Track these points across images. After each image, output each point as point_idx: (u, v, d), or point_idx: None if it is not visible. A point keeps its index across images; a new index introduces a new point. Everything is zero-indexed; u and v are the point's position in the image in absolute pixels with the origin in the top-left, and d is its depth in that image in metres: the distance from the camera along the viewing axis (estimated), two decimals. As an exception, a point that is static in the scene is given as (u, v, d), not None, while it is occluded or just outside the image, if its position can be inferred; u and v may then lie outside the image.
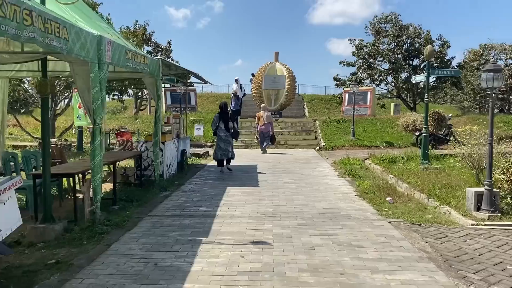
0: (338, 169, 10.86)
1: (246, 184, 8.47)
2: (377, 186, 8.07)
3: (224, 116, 9.99)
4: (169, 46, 26.33)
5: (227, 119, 9.97)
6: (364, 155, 13.76)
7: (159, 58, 8.48)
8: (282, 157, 13.66)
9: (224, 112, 10.07)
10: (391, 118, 20.03)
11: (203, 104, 28.38)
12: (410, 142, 16.91)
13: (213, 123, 10.12)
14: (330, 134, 17.90)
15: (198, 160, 12.42)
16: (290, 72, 21.76)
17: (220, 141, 10.03)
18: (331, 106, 28.39)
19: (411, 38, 21.86)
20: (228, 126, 9.94)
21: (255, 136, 16.80)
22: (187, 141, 11.45)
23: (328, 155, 14.25)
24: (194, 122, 19.72)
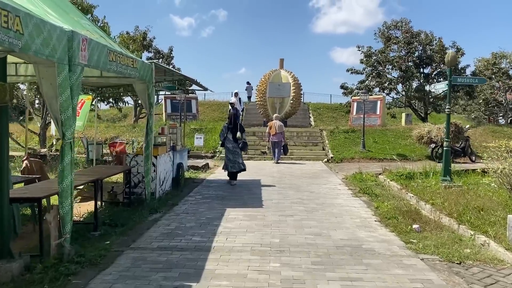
0: (350, 186, 9.85)
1: (248, 204, 7.47)
2: (398, 208, 7.06)
3: (233, 126, 9.69)
4: (170, 52, 25.55)
5: (235, 130, 9.65)
6: (377, 169, 12.76)
7: (152, 62, 7.56)
8: (288, 170, 12.68)
9: (233, 122, 9.73)
10: (402, 128, 19.02)
11: (205, 112, 27.49)
12: (424, 155, 15.91)
13: (221, 133, 9.86)
14: (338, 145, 16.91)
15: (197, 174, 11.44)
16: (296, 79, 20.86)
17: (228, 152, 9.69)
18: (338, 115, 27.42)
19: (422, 45, 20.90)
20: (236, 137, 9.59)
21: (266, 146, 16.14)
22: (184, 153, 10.50)
23: (338, 169, 13.25)
24: (195, 131, 18.81)
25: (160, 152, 8.02)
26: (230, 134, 9.66)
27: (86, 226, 6.01)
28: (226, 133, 9.70)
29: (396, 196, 8.44)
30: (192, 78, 9.29)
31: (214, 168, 13.14)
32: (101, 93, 11.22)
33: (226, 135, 9.68)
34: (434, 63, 20.94)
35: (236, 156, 9.67)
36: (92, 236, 5.62)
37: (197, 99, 22.68)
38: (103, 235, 5.62)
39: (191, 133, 18.57)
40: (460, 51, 20.98)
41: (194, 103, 21.75)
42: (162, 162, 8.17)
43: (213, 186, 9.54)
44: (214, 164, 13.93)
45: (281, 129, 14.54)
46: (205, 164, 12.81)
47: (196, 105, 21.82)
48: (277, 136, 14.42)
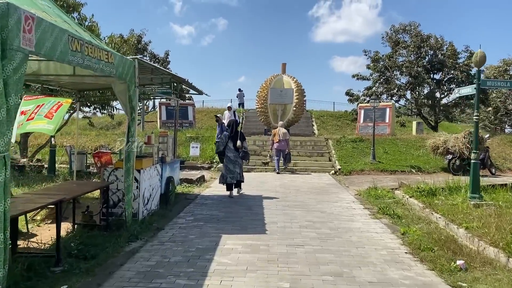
0: (366, 204, 8.64)
1: (249, 229, 6.26)
2: (430, 235, 5.87)
3: (234, 134, 9.22)
4: (166, 56, 24.54)
5: (236, 138, 9.18)
6: (391, 182, 11.57)
7: (134, 58, 6.41)
8: (292, 183, 11.48)
9: (233, 130, 9.25)
10: (414, 138, 17.86)
11: (202, 119, 26.35)
12: (439, 167, 14.74)
13: (221, 142, 9.32)
14: (345, 155, 15.73)
15: (190, 188, 10.23)
16: (299, 85, 19.75)
17: (228, 162, 9.13)
18: (342, 124, 26.27)
19: (434, 49, 19.84)
20: (237, 146, 9.13)
21: (268, 154, 15.34)
22: (176, 165, 9.31)
23: (348, 182, 12.05)
24: (191, 140, 17.63)
25: (144, 165, 6.84)
26: (231, 142, 9.15)
27: (48, 259, 4.81)
28: (226, 141, 9.15)
29: (422, 217, 7.24)
30: (183, 79, 8.14)
31: (210, 181, 11.94)
32: (82, 96, 10.05)
33: (226, 143, 9.14)
34: (446, 68, 19.84)
35: (236, 166, 9.18)
36: (51, 273, 4.43)
37: (194, 105, 21.55)
38: (66, 272, 4.44)
39: (186, 141, 17.40)
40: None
41: (191, 110, 20.61)
42: (147, 177, 6.97)
43: (208, 204, 8.33)
44: (210, 176, 12.73)
45: (286, 136, 14.15)
46: (201, 176, 11.60)
47: (193, 112, 20.68)
48: (281, 144, 13.93)
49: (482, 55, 8.65)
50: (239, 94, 30.47)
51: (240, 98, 30.27)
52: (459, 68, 19.48)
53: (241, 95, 30.42)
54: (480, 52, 8.70)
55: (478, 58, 8.65)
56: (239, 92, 30.50)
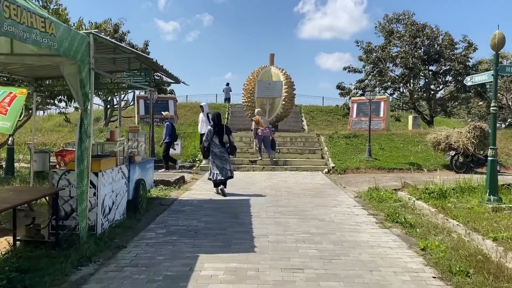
0: (369, 208, 7.54)
1: (234, 246, 5.08)
2: (456, 250, 4.80)
3: (218, 128, 8.75)
4: (145, 47, 23.04)
5: (221, 132, 8.75)
6: (392, 182, 10.54)
7: (88, 32, 5.15)
8: (284, 184, 10.34)
9: (218, 124, 8.81)
10: (411, 133, 16.88)
11: (186, 115, 25.01)
12: (440, 164, 13.78)
13: (205, 138, 8.82)
14: (339, 152, 14.65)
15: (167, 191, 8.99)
16: (288, 77, 18.63)
17: (215, 158, 8.77)
18: (333, 119, 25.24)
19: (430, 39, 18.88)
20: (223, 141, 8.74)
21: (254, 143, 14.37)
22: (149, 165, 8.05)
23: (344, 182, 10.96)
24: (172, 137, 16.29)
25: (104, 167, 5.59)
26: (216, 137, 8.73)
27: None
28: (211, 137, 8.70)
29: (438, 226, 6.18)
30: (152, 59, 6.84)
31: (191, 182, 10.71)
32: (41, 86, 8.69)
33: (211, 139, 8.70)
34: (443, 59, 18.91)
35: (224, 162, 8.75)
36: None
37: (175, 99, 20.20)
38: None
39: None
40: (472, 46, 19.04)
41: (172, 104, 19.26)
42: (108, 181, 5.72)
43: (185, 211, 7.11)
44: (192, 177, 11.50)
45: (268, 123, 14.21)
46: (180, 177, 10.35)
47: (174, 106, 19.34)
48: (266, 131, 13.57)
49: (501, 37, 7.60)
50: (226, 88, 29.38)
51: (226, 92, 29.18)
52: (457, 59, 18.57)
53: (227, 89, 29.32)
54: (499, 33, 7.64)
55: (496, 40, 7.59)
56: (226, 87, 29.40)
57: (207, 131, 8.88)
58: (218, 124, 8.84)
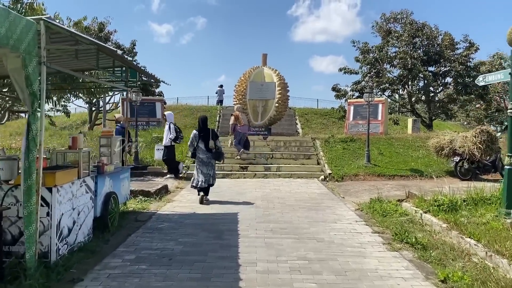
0: (373, 223, 6.71)
1: (214, 279, 4.19)
2: (484, 284, 3.96)
3: (204, 133, 8.31)
4: (133, 47, 22.14)
5: (207, 137, 8.28)
6: (395, 191, 9.74)
7: (38, 18, 4.26)
8: (276, 194, 9.48)
9: (204, 128, 8.37)
10: (411, 137, 16.11)
11: (176, 118, 23.99)
12: (444, 170, 13.02)
13: (190, 143, 8.37)
14: (336, 157, 13.83)
15: (146, 204, 8.08)
16: (281, 78, 17.80)
17: (201, 164, 8.34)
18: (328, 122, 24.45)
19: (430, 39, 18.16)
20: (209, 146, 8.26)
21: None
22: (124, 175, 7.14)
23: (342, 191, 10.13)
24: (158, 141, 15.42)
25: (60, 181, 4.70)
26: (202, 142, 8.28)
27: None
28: (197, 142, 8.30)
29: (454, 247, 5.34)
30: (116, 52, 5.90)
31: (175, 192, 9.81)
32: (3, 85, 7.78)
33: (197, 144, 8.30)
34: (443, 59, 18.20)
35: (209, 168, 8.35)
36: None
37: (163, 101, 19.28)
38: None
39: (153, 142, 15.21)
40: (473, 46, 18.35)
41: (159, 106, 18.33)
42: (67, 197, 4.82)
43: (163, 229, 6.22)
44: (176, 186, 10.60)
45: (246, 120, 14.04)
46: (162, 187, 9.44)
47: (162, 108, 18.41)
48: (245, 128, 13.55)
49: (520, 30, 6.83)
50: (219, 90, 28.57)
51: (220, 95, 28.37)
52: (457, 60, 17.88)
53: (221, 91, 28.51)
54: (517, 26, 6.86)
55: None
56: (219, 89, 28.57)
57: (192, 135, 8.38)
58: (204, 128, 8.38)
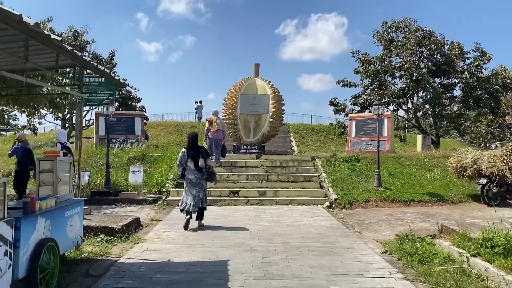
0: (413, 276, 4.95)
1: None
2: None
3: (193, 151, 7.75)
4: (111, 58, 20.43)
5: (197, 156, 7.70)
6: (419, 222, 8.16)
7: None
8: (276, 227, 7.70)
9: (193, 146, 7.80)
10: (423, 156, 14.51)
11: (159, 135, 22.31)
12: (466, 194, 11.42)
13: (179, 163, 7.88)
14: (340, 179, 12.13)
15: (107, 247, 6.23)
16: (276, 90, 16.21)
17: (190, 186, 7.73)
18: (325, 139, 22.87)
19: (439, 47, 16.80)
20: (199, 165, 7.64)
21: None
22: (73, 211, 5.31)
23: (355, 222, 8.40)
24: (135, 161, 13.61)
25: None
26: (191, 161, 7.67)
27: None
28: (186, 161, 7.70)
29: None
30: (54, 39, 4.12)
31: (149, 226, 7.96)
32: None
33: (186, 163, 7.70)
34: (453, 70, 16.85)
35: (199, 190, 7.68)
36: None
37: (143, 117, 17.45)
38: None
39: (129, 162, 13.37)
40: (486, 55, 17.04)
41: (138, 121, 16.50)
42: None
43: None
44: (152, 218, 8.76)
45: (224, 127, 13.41)
46: (132, 221, 7.57)
47: (141, 124, 16.58)
48: (218, 133, 12.83)
49: None
50: (198, 106, 27.05)
51: (199, 111, 26.90)
52: (468, 70, 16.53)
53: (200, 107, 27.03)
54: None
55: None
56: (198, 104, 27.06)
57: (180, 154, 7.80)
58: (194, 146, 7.75)
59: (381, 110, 11.80)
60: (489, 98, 16.36)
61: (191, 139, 7.76)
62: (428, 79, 16.03)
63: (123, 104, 19.83)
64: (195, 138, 7.80)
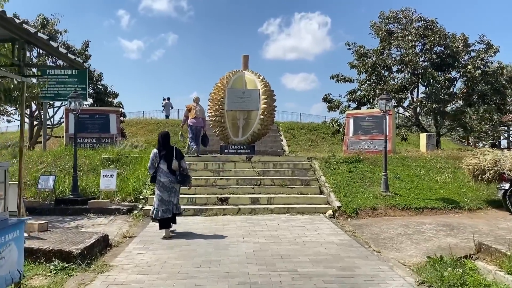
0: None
1: None
2: None
3: (166, 152, 7.08)
4: (85, 49, 18.75)
5: (170, 157, 7.04)
6: (443, 236, 6.98)
7: None
8: (276, 246, 6.36)
9: (165, 146, 7.13)
10: (429, 156, 13.36)
11: (138, 133, 20.77)
12: (483, 200, 10.33)
13: (150, 165, 7.13)
14: (342, 183, 10.87)
15: (60, 280, 4.79)
16: (267, 85, 14.88)
17: (162, 190, 7.03)
18: (318, 138, 21.70)
19: (443, 38, 15.70)
20: (172, 167, 6.99)
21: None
22: (7, 237, 3.85)
23: (369, 237, 7.13)
24: (109, 163, 12.12)
25: None
26: (164, 163, 7.08)
27: None
28: (157, 163, 7.09)
29: None
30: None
31: (120, 246, 6.52)
32: None
33: (158, 164, 7.09)
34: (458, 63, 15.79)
35: (172, 195, 7.11)
36: None
37: (119, 113, 15.87)
38: None
39: (102, 165, 11.88)
40: (492, 48, 16.04)
41: (114, 118, 14.93)
42: None
43: None
44: (125, 233, 7.31)
45: (203, 114, 12.69)
46: (99, 239, 6.11)
47: (117, 121, 15.02)
48: (198, 121, 12.31)
49: None
50: (165, 104, 25.50)
51: (166, 108, 25.38)
52: (473, 64, 15.51)
53: (168, 105, 25.51)
54: None
55: None
56: (166, 101, 25.50)
57: (151, 155, 7.16)
58: (165, 146, 7.16)
59: (388, 105, 10.56)
60: (495, 94, 15.40)
61: (162, 138, 7.19)
62: (432, 73, 14.92)
63: (98, 100, 18.20)
64: (167, 137, 7.24)
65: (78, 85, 15.07)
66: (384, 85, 16.34)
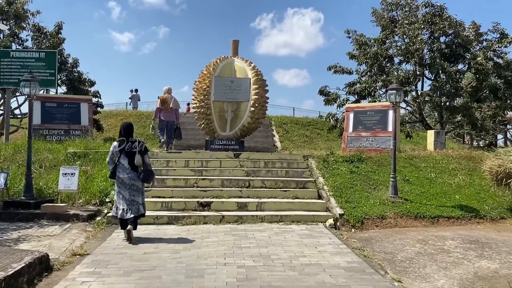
0: None
1: None
2: None
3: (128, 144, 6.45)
4: (57, 31, 17.04)
5: (132, 152, 6.42)
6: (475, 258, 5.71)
7: None
8: (266, 273, 4.96)
9: (127, 139, 6.47)
10: (440, 156, 11.99)
11: (117, 126, 19.13)
12: (505, 207, 9.02)
13: (109, 159, 6.60)
14: (343, 186, 9.49)
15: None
16: (259, 73, 13.42)
17: (121, 187, 6.42)
18: (313, 134, 20.27)
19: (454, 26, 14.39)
20: (135, 163, 6.38)
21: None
22: None
23: (383, 258, 5.76)
24: (75, 159, 10.60)
25: None
26: (125, 158, 6.39)
27: None
28: (118, 157, 6.41)
29: None
30: None
31: (66, 267, 5.05)
32: None
33: (118, 159, 6.41)
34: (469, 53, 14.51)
35: (135, 193, 6.40)
36: None
37: (91, 102, 14.22)
38: None
39: (66, 161, 10.36)
40: (507, 37, 14.76)
41: (85, 108, 13.28)
42: None
43: None
44: (74, 251, 5.81)
45: (177, 106, 12.22)
46: (31, 263, 4.63)
47: (89, 111, 13.39)
48: (171, 115, 11.87)
49: None
50: (133, 95, 24.02)
51: (134, 101, 23.90)
52: (485, 54, 14.25)
53: (135, 97, 24.01)
54: None
55: None
56: (134, 93, 24.02)
57: (111, 148, 6.59)
58: (128, 138, 6.52)
59: (399, 95, 9.19)
60: (509, 88, 14.18)
61: (125, 129, 6.53)
62: (442, 63, 13.61)
63: (71, 88, 16.54)
64: (130, 129, 6.58)
65: (46, 69, 13.49)
66: (387, 76, 15.00)
